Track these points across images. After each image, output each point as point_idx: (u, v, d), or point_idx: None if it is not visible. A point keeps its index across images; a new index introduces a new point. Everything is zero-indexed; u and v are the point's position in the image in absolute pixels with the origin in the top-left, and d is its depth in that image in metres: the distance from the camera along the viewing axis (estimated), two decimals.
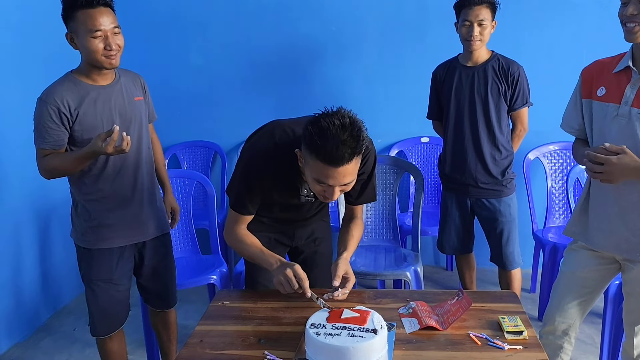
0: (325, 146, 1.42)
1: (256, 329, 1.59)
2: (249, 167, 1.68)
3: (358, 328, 1.41)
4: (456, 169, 2.63)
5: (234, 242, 1.81)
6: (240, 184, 1.71)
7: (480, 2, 2.38)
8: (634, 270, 1.78)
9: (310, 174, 1.52)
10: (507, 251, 2.64)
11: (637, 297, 1.80)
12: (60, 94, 1.86)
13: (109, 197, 2.01)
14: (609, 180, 1.66)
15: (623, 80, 1.71)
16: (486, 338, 1.50)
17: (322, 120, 1.43)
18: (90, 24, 1.81)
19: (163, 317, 2.33)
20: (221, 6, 3.52)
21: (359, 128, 1.45)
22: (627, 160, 1.61)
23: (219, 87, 3.65)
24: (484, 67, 2.50)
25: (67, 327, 3.11)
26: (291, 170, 1.63)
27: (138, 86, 2.08)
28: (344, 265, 1.71)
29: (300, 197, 1.76)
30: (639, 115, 1.66)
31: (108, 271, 2.06)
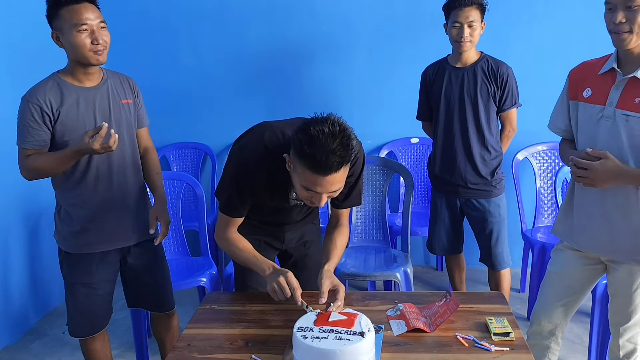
0: (314, 155, 1.41)
1: (244, 332, 1.59)
2: (238, 170, 1.67)
3: (345, 331, 1.41)
4: (446, 169, 2.64)
5: (226, 246, 1.80)
6: (229, 187, 1.70)
7: (469, 4, 2.39)
8: (618, 272, 1.80)
9: (298, 180, 1.51)
10: (497, 251, 2.66)
11: (622, 298, 1.81)
12: (43, 93, 1.85)
13: (90, 202, 1.98)
14: (593, 184, 1.69)
15: (608, 81, 1.73)
16: (473, 340, 1.50)
17: (311, 127, 1.42)
18: (76, 18, 1.80)
19: (165, 322, 2.30)
20: (211, 7, 3.51)
21: (348, 136, 1.44)
22: (609, 165, 1.64)
23: (209, 88, 3.64)
24: (473, 68, 2.51)
25: (57, 330, 3.09)
26: (280, 174, 1.62)
27: (127, 89, 2.06)
28: (328, 278, 1.66)
29: (290, 201, 1.75)
30: (623, 117, 1.68)
31: (88, 275, 2.04)
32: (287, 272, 1.66)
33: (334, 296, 1.63)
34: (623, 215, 1.74)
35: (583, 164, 1.67)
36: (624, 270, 1.79)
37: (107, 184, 1.99)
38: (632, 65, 1.68)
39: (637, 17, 1.57)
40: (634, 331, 1.83)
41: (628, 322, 1.82)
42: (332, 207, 1.87)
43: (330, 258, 1.74)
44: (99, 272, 2.05)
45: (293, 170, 1.53)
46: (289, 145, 1.53)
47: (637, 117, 1.65)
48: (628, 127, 1.67)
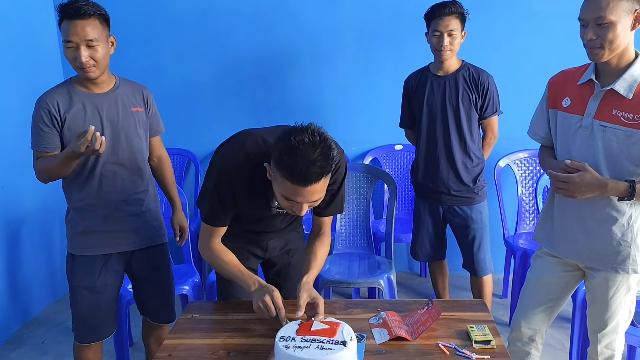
0: (294, 166, 1.40)
1: (226, 341, 1.58)
2: (219, 179, 1.66)
3: (327, 340, 1.41)
4: (428, 176, 2.66)
5: (210, 258, 1.76)
6: (211, 196, 1.68)
7: (449, 13, 2.42)
8: (596, 279, 1.83)
9: (279, 190, 1.51)
10: (479, 257, 2.68)
11: (599, 305, 1.84)
12: (52, 97, 1.91)
13: (94, 205, 2.00)
14: (572, 196, 1.72)
15: (587, 92, 1.76)
16: (455, 348, 1.51)
17: (291, 137, 1.41)
18: (64, 34, 1.84)
19: (157, 332, 2.28)
20: (196, 12, 3.50)
21: (329, 146, 1.44)
22: (588, 178, 1.67)
23: (193, 95, 3.63)
24: (454, 76, 2.54)
25: (37, 339, 3.04)
26: (262, 182, 1.61)
27: (139, 98, 2.08)
28: (306, 292, 1.64)
29: (272, 209, 1.75)
30: (601, 128, 1.71)
31: (91, 278, 2.04)
32: (274, 290, 1.63)
33: (313, 309, 1.61)
34: (600, 223, 1.77)
35: (562, 178, 1.70)
36: (601, 277, 1.82)
37: (111, 188, 2.01)
38: (609, 77, 1.71)
39: (607, 33, 1.61)
40: (612, 337, 1.85)
41: (605, 329, 1.85)
42: (314, 215, 1.85)
43: (310, 269, 1.73)
44: (102, 275, 2.05)
45: (273, 180, 1.53)
46: (270, 154, 1.52)
47: (614, 128, 1.69)
48: (605, 137, 1.71)
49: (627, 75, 1.67)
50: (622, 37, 1.62)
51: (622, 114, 1.67)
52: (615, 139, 1.69)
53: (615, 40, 1.61)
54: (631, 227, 1.75)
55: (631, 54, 1.69)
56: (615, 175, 1.71)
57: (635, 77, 1.67)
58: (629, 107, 1.67)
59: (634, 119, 1.66)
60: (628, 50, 1.67)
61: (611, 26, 1.60)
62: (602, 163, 1.72)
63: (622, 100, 1.68)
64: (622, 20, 1.59)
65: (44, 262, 3.38)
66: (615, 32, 1.60)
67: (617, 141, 1.69)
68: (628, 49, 1.67)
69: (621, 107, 1.68)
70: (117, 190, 2.02)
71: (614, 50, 1.64)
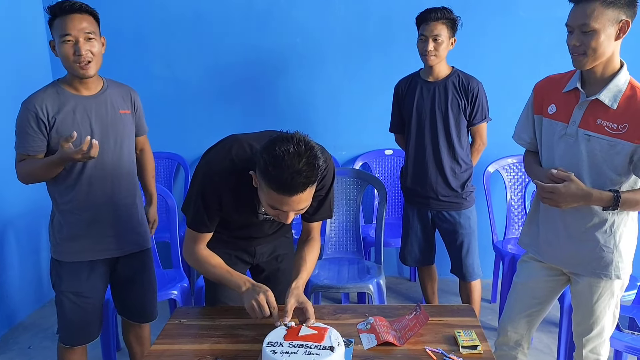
0: (279, 176, 1.39)
1: (213, 347, 1.57)
2: (204, 185, 1.64)
3: (315, 346, 1.41)
4: (417, 182, 2.67)
5: (196, 263, 1.75)
6: (196, 202, 1.66)
7: (436, 19, 2.43)
8: (580, 284, 1.85)
9: (264, 198, 1.50)
10: (467, 262, 2.69)
11: (585, 310, 1.86)
12: (40, 100, 1.88)
13: (82, 209, 1.98)
14: (557, 206, 1.74)
15: (572, 100, 1.78)
16: (442, 353, 1.51)
17: (276, 147, 1.39)
18: (62, 29, 1.83)
19: (137, 331, 2.27)
20: (185, 16, 3.49)
21: (314, 155, 1.42)
22: (573, 188, 1.69)
23: (183, 99, 3.62)
24: (444, 82, 2.55)
25: (23, 344, 3.01)
26: (248, 188, 1.60)
27: (127, 100, 2.08)
28: (294, 297, 1.61)
29: (259, 215, 1.74)
30: (585, 137, 1.73)
31: (78, 284, 2.02)
32: (266, 290, 1.62)
33: (303, 314, 1.59)
34: (583, 230, 1.79)
35: (548, 188, 1.72)
36: (585, 283, 1.84)
37: (99, 192, 1.99)
38: (594, 87, 1.73)
39: (590, 41, 1.62)
40: (597, 342, 1.87)
41: (590, 333, 1.86)
42: (303, 221, 1.85)
43: (299, 274, 1.71)
44: (90, 281, 2.04)
45: (259, 188, 1.52)
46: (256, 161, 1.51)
47: (598, 137, 1.70)
48: (589, 146, 1.73)
49: (612, 85, 1.69)
50: (606, 46, 1.63)
51: (607, 123, 1.69)
52: (599, 148, 1.71)
53: (598, 48, 1.63)
54: (614, 234, 1.77)
55: (616, 64, 1.70)
56: (598, 183, 1.73)
57: (620, 87, 1.69)
58: (614, 117, 1.68)
59: (618, 129, 1.68)
60: (613, 60, 1.69)
61: (595, 34, 1.61)
62: (585, 171, 1.74)
63: (606, 110, 1.70)
64: (606, 30, 1.61)
65: (30, 266, 3.35)
66: (598, 40, 1.62)
67: (600, 150, 1.71)
68: (613, 59, 1.69)
69: (606, 117, 1.70)
70: (106, 194, 2.00)
71: (597, 59, 1.66)
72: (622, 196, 1.67)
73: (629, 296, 2.46)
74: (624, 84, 1.69)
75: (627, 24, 1.62)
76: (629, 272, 1.83)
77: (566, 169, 1.74)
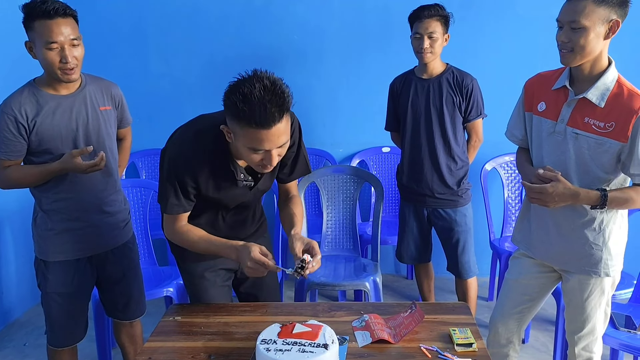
0: (252, 111, 1.38)
1: (207, 344, 1.57)
2: (174, 163, 1.59)
3: (309, 343, 1.40)
4: (413, 179, 2.67)
5: (180, 241, 1.70)
6: (168, 186, 1.61)
7: (429, 16, 2.43)
8: (571, 281, 1.85)
9: (244, 144, 1.46)
10: (463, 260, 2.68)
11: (575, 307, 1.86)
12: (18, 104, 1.83)
13: (65, 207, 1.96)
14: (545, 205, 1.74)
15: (561, 98, 1.78)
16: (437, 351, 1.51)
17: (241, 87, 1.39)
18: (46, 35, 1.76)
19: (128, 330, 2.26)
20: (182, 13, 3.48)
21: (280, 85, 1.42)
22: (560, 188, 1.69)
23: (180, 94, 3.60)
24: (438, 79, 2.54)
25: (18, 342, 3.00)
26: (221, 154, 1.58)
27: (107, 95, 2.03)
28: (298, 240, 1.59)
29: (238, 183, 1.66)
30: (573, 135, 1.73)
31: (64, 285, 2.01)
32: (255, 246, 1.56)
33: (310, 253, 1.58)
34: (573, 228, 1.80)
35: (536, 189, 1.72)
36: (575, 280, 1.84)
37: (82, 190, 1.97)
38: (583, 85, 1.73)
39: (579, 38, 1.62)
40: (589, 339, 1.87)
41: (582, 331, 1.87)
42: (280, 185, 1.84)
43: (294, 224, 1.70)
44: (76, 280, 2.02)
45: (235, 138, 1.48)
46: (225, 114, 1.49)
47: (586, 136, 1.70)
48: (577, 144, 1.73)
49: (600, 83, 1.68)
50: (594, 44, 1.62)
51: (594, 122, 1.69)
52: (587, 147, 1.71)
53: (587, 46, 1.62)
54: (603, 232, 1.77)
55: (604, 62, 1.70)
56: (586, 181, 1.73)
57: (608, 86, 1.68)
58: (601, 116, 1.68)
59: (605, 127, 1.67)
60: (601, 59, 1.68)
61: (584, 31, 1.61)
62: (572, 169, 1.74)
63: (594, 109, 1.69)
64: (595, 28, 1.60)
65: (26, 263, 3.32)
66: (587, 37, 1.61)
67: (588, 148, 1.71)
68: (601, 57, 1.68)
69: (593, 115, 1.69)
70: (89, 192, 1.98)
71: (585, 57, 1.65)
72: (610, 195, 1.68)
73: (625, 294, 2.46)
74: (611, 82, 1.68)
75: (617, 24, 1.62)
76: (620, 269, 1.84)
77: (554, 166, 1.74)
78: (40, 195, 1.97)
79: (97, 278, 2.12)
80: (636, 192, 1.70)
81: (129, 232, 2.18)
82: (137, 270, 2.23)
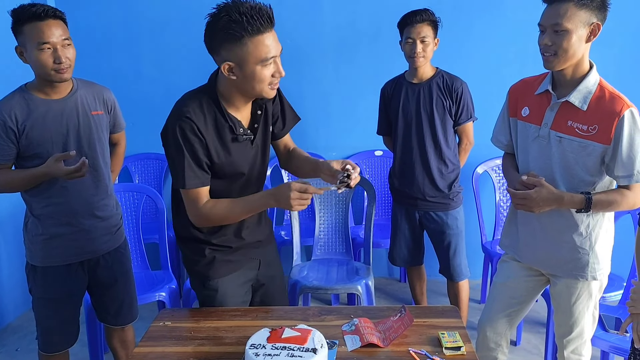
0: (250, 17, 1.44)
1: (197, 349, 1.57)
2: (179, 130, 1.58)
3: (298, 348, 1.41)
4: (405, 182, 2.68)
5: (212, 218, 1.65)
6: (178, 156, 1.59)
7: (421, 20, 2.45)
8: (558, 285, 1.87)
9: (253, 62, 1.51)
10: (455, 263, 2.69)
11: (564, 311, 1.87)
12: (8, 108, 1.84)
13: (56, 213, 1.96)
14: (531, 210, 1.76)
15: (544, 102, 1.79)
16: (425, 354, 1.52)
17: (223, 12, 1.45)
18: (38, 36, 1.77)
19: (120, 335, 2.26)
20: (175, 16, 3.48)
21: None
22: (544, 193, 1.70)
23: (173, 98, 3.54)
24: (428, 83, 2.56)
25: (10, 347, 3.00)
26: (216, 111, 1.62)
27: (99, 100, 2.03)
28: (334, 162, 1.63)
29: (239, 137, 1.66)
30: (557, 138, 1.74)
31: (54, 290, 2.00)
32: (290, 183, 1.55)
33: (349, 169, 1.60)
34: (559, 232, 1.81)
35: (520, 195, 1.74)
36: (563, 284, 1.85)
37: (74, 195, 1.97)
38: (565, 89, 1.74)
39: (562, 41, 1.63)
40: (578, 343, 1.88)
41: (571, 334, 1.88)
42: (277, 143, 1.88)
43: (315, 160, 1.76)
44: (67, 286, 2.02)
45: (242, 67, 1.52)
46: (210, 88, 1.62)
47: (569, 139, 1.72)
48: (561, 148, 1.74)
49: (582, 86, 1.70)
50: (577, 47, 1.64)
51: (577, 125, 1.70)
52: (571, 150, 1.72)
53: (570, 49, 1.64)
54: (589, 235, 1.78)
55: (586, 66, 1.71)
56: (571, 184, 1.75)
57: (590, 89, 1.70)
58: (584, 119, 1.69)
59: (588, 130, 1.69)
60: (583, 62, 1.70)
61: (567, 34, 1.62)
62: (558, 173, 1.76)
63: (577, 112, 1.71)
64: (578, 30, 1.62)
65: (18, 269, 3.30)
66: (570, 40, 1.63)
67: (572, 152, 1.72)
68: (583, 61, 1.70)
69: (576, 119, 1.71)
70: (80, 197, 1.98)
71: (568, 60, 1.67)
72: (594, 198, 1.69)
73: (615, 296, 2.48)
74: (593, 85, 1.70)
75: (598, 27, 1.63)
76: (607, 272, 1.85)
77: (540, 170, 1.76)
78: (31, 200, 1.96)
79: (88, 283, 2.11)
80: (621, 195, 1.71)
81: (121, 237, 2.18)
82: (129, 276, 2.22)
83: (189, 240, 1.77)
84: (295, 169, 1.88)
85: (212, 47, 1.56)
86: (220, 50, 1.53)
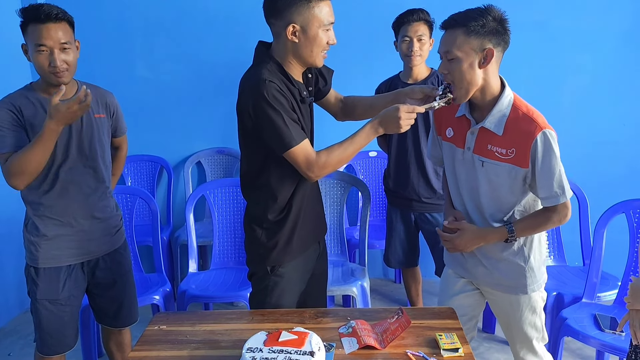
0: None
1: (192, 353, 1.56)
2: (269, 93, 1.61)
3: (295, 351, 1.40)
4: (399, 183, 2.67)
5: (330, 162, 1.70)
6: (277, 118, 1.62)
7: (418, 19, 2.46)
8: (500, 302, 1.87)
9: (319, 25, 1.64)
10: None
11: (510, 326, 1.88)
12: (17, 101, 1.86)
13: (57, 214, 1.96)
14: (459, 251, 1.82)
15: (464, 125, 1.78)
16: (423, 356, 1.51)
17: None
18: (36, 38, 1.79)
19: (117, 337, 2.24)
20: (168, 18, 3.47)
21: None
22: (467, 236, 1.77)
23: (166, 100, 3.59)
24: (423, 83, 2.55)
25: (3, 351, 2.97)
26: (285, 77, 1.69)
27: (102, 104, 2.05)
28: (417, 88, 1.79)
29: (305, 99, 1.76)
30: (480, 162, 1.73)
31: (55, 292, 1.99)
32: (399, 105, 1.64)
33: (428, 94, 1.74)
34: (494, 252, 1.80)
35: (446, 237, 1.81)
36: (505, 300, 1.85)
37: (74, 196, 1.97)
38: (481, 112, 1.73)
39: (454, 68, 1.63)
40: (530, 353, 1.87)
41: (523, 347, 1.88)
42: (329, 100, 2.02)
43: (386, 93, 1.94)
44: (67, 288, 2.01)
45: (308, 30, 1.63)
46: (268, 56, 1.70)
47: (491, 163, 1.71)
48: (484, 171, 1.73)
49: (495, 111, 1.68)
50: (470, 75, 1.63)
51: (497, 149, 1.69)
52: (494, 173, 1.71)
53: (463, 77, 1.63)
54: (522, 252, 1.79)
55: (495, 89, 1.69)
56: (497, 206, 1.76)
57: (504, 112, 1.68)
58: (502, 143, 1.68)
59: (507, 154, 1.68)
60: (489, 85, 1.67)
61: (458, 62, 1.62)
62: (483, 195, 1.76)
63: (494, 136, 1.69)
64: (468, 58, 1.61)
65: (11, 272, 3.30)
66: (461, 68, 1.62)
67: (496, 175, 1.71)
68: (489, 84, 1.67)
69: (495, 143, 1.70)
70: (81, 198, 1.99)
71: (469, 88, 1.65)
72: (517, 227, 1.72)
73: (610, 296, 2.48)
74: (507, 108, 1.68)
75: (491, 52, 1.62)
76: (545, 280, 1.85)
77: (469, 192, 1.78)
78: (31, 202, 1.96)
79: (87, 284, 2.11)
80: (544, 217, 1.72)
81: (121, 239, 2.18)
82: (129, 277, 2.22)
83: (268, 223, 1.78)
84: (362, 111, 1.96)
85: (278, 10, 1.62)
86: (286, 14, 1.61)
